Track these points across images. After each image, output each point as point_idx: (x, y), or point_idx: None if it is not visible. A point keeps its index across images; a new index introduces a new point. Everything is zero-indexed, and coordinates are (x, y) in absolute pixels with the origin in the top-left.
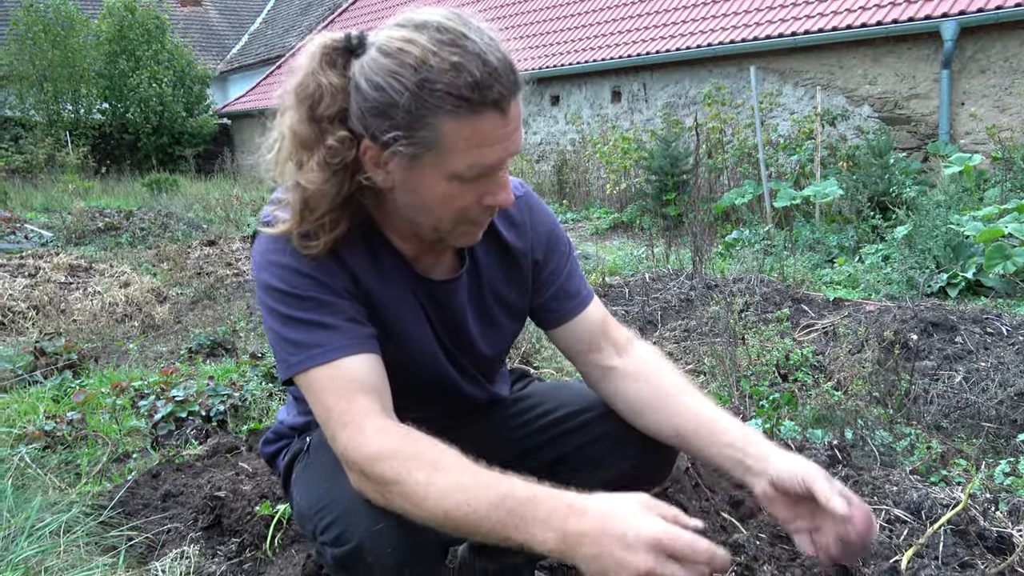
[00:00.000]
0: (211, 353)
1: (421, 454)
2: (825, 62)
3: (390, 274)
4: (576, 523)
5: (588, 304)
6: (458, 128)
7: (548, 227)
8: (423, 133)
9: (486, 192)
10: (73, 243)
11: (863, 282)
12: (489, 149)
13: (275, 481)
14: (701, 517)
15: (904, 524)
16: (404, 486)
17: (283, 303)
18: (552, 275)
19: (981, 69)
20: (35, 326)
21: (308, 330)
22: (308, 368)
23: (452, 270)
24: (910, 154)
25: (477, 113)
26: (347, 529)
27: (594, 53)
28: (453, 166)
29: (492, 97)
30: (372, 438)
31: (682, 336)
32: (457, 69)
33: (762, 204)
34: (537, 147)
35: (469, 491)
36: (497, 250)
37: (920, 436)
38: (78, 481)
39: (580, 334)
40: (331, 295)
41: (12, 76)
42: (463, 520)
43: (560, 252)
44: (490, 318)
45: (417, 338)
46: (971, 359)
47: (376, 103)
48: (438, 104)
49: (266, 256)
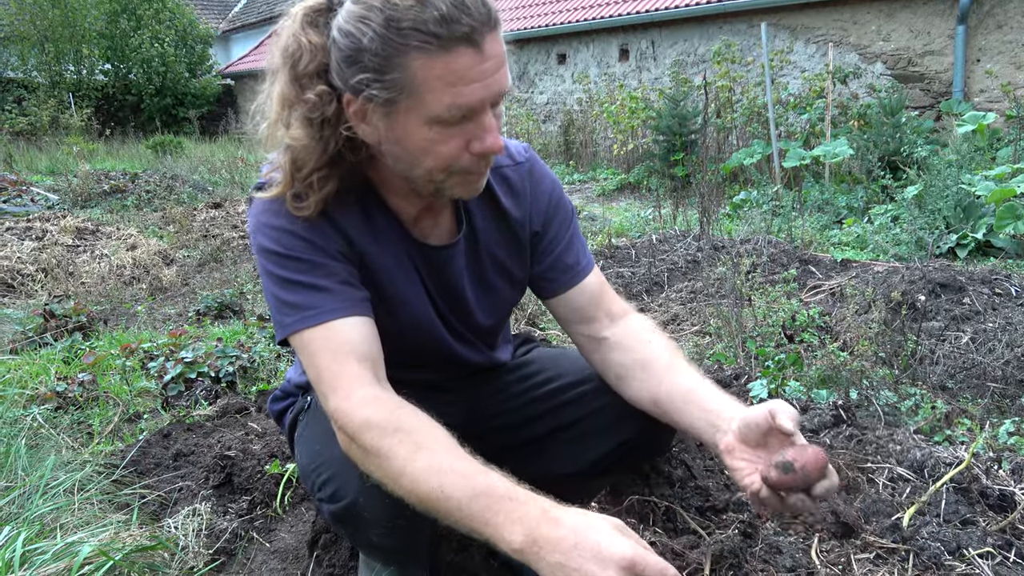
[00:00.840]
0: (219, 315)
1: (407, 429)
2: (838, 18)
3: (385, 236)
4: (548, 530)
5: (586, 275)
6: (429, 66)
7: (549, 195)
8: (394, 75)
9: (472, 137)
10: (79, 206)
11: (872, 243)
12: (467, 88)
13: (284, 441)
14: (705, 475)
15: (907, 482)
16: (383, 459)
17: (278, 265)
18: (551, 244)
19: (998, 24)
20: (44, 289)
21: (302, 292)
22: (301, 329)
23: (450, 235)
24: (923, 113)
25: (448, 50)
26: (342, 486)
27: (601, 10)
28: (430, 108)
29: (462, 31)
30: (359, 407)
31: (688, 297)
32: (422, 3)
33: (771, 164)
34: (543, 107)
35: (446, 477)
36: (495, 216)
37: (925, 396)
38: (90, 441)
39: (575, 305)
40: (325, 257)
41: (13, 37)
42: (435, 504)
43: (560, 221)
44: (488, 284)
45: (411, 302)
46: (979, 320)
47: (347, 50)
48: (404, 42)
49: (260, 219)
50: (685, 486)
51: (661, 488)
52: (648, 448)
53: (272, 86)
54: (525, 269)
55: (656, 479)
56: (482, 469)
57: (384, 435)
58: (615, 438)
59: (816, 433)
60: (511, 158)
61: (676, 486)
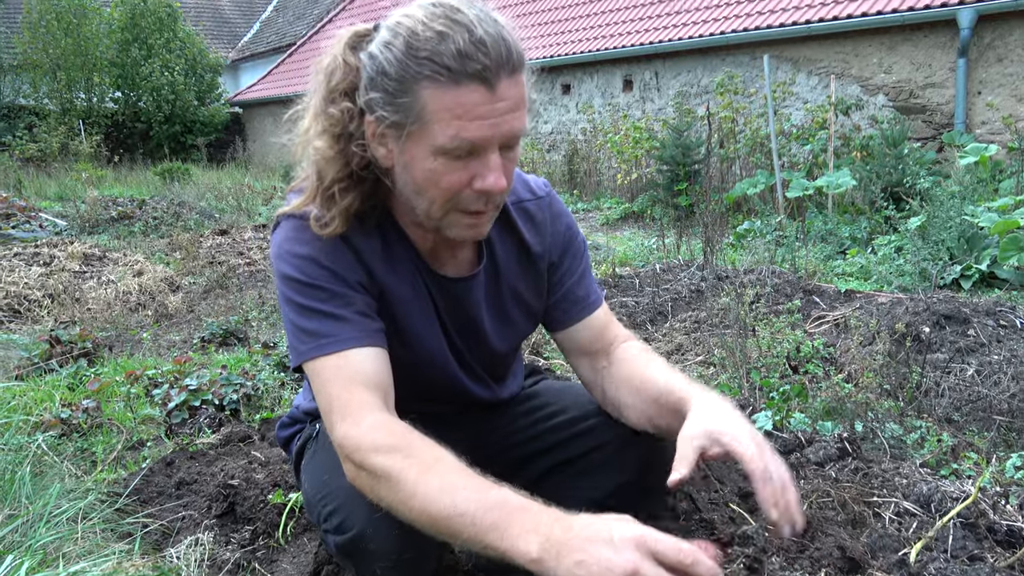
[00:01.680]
0: (223, 342)
1: (415, 453)
2: (840, 50)
3: (403, 267)
4: (561, 533)
5: (595, 309)
6: (439, 97)
7: (566, 229)
8: (405, 99)
9: (476, 174)
10: (87, 232)
11: (875, 274)
12: (472, 123)
13: (287, 470)
14: (710, 508)
15: (913, 517)
16: (393, 483)
17: (298, 292)
18: (564, 276)
19: (999, 57)
20: (50, 314)
21: (319, 320)
22: (315, 357)
23: (470, 266)
24: (925, 144)
25: (458, 84)
26: (348, 517)
27: (606, 41)
28: (436, 138)
29: (475, 68)
30: (368, 432)
31: (692, 327)
32: (441, 36)
33: (774, 194)
34: (548, 136)
35: (459, 494)
36: (516, 249)
37: (931, 429)
38: (94, 468)
39: (582, 338)
40: (345, 287)
41: (26, 65)
42: (448, 523)
43: (574, 254)
44: (506, 316)
45: (426, 336)
46: (984, 352)
47: (371, 71)
48: (419, 69)
49: (284, 246)
50: (690, 519)
51: (665, 521)
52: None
53: (310, 99)
54: (541, 301)
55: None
56: (492, 484)
57: (393, 458)
58: (622, 471)
59: (821, 466)
60: (532, 193)
61: (681, 519)
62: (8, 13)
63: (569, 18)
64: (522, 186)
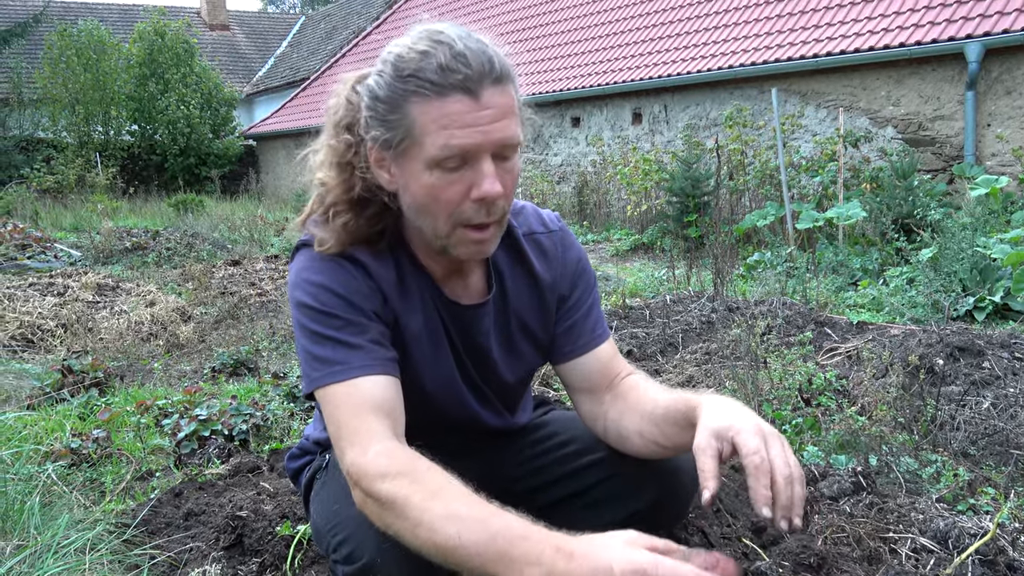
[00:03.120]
0: (234, 372)
1: (421, 479)
2: (848, 84)
3: (416, 295)
4: (564, 565)
5: (601, 343)
6: (426, 110)
7: (577, 262)
8: (395, 117)
9: (472, 184)
10: (101, 262)
11: (887, 305)
12: (460, 131)
13: (296, 501)
14: (722, 543)
15: (931, 553)
16: (399, 509)
17: (312, 319)
18: (572, 309)
19: (1007, 90)
20: (63, 344)
21: (332, 347)
22: (327, 384)
23: (480, 295)
24: (935, 176)
25: (443, 96)
26: (358, 547)
27: (615, 75)
28: (428, 151)
29: (456, 79)
30: (375, 459)
31: (703, 359)
32: (424, 55)
33: (784, 226)
34: (558, 168)
35: (463, 523)
36: (527, 279)
37: (947, 463)
38: (102, 499)
39: (586, 372)
40: (359, 315)
41: (46, 99)
42: (452, 553)
43: (583, 287)
44: (513, 346)
45: (438, 362)
46: (999, 385)
47: (367, 101)
48: (405, 87)
49: (301, 275)
50: None
51: None
52: (665, 515)
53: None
54: (549, 333)
55: None
56: (496, 511)
57: (398, 484)
58: (631, 504)
59: (836, 500)
60: (544, 226)
61: None
62: (29, 49)
63: (578, 52)
64: (535, 219)
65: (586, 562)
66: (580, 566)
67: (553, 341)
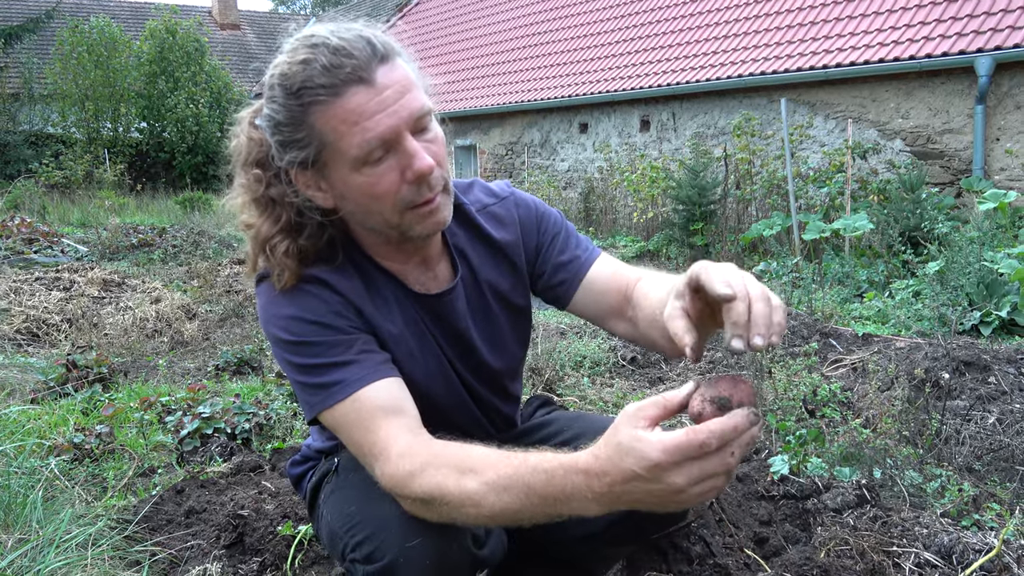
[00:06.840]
0: (237, 371)
1: (444, 462)
2: (857, 95)
3: (388, 298)
4: (599, 485)
5: (594, 260)
6: (329, 115)
7: (534, 211)
8: (303, 135)
9: (403, 167)
10: (107, 258)
11: (893, 318)
12: (370, 121)
13: (297, 502)
14: (725, 553)
15: (935, 568)
16: (441, 498)
17: (293, 352)
18: (550, 248)
19: (1017, 105)
20: (68, 339)
21: (320, 373)
22: (329, 406)
23: (449, 280)
24: (943, 189)
25: (339, 94)
26: (380, 546)
27: (624, 82)
28: (347, 152)
29: (345, 73)
30: (399, 463)
31: (707, 368)
32: (306, 63)
33: (791, 236)
34: (565, 174)
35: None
36: (489, 249)
37: (951, 478)
38: (104, 494)
39: (596, 296)
40: (337, 334)
41: (56, 94)
42: (503, 515)
43: (549, 225)
44: (491, 319)
45: (426, 361)
46: (1005, 400)
47: (270, 130)
48: (300, 102)
49: (269, 310)
50: (704, 563)
51: (679, 564)
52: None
53: (235, 179)
54: (526, 297)
55: (674, 555)
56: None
57: (427, 476)
58: None
59: (839, 513)
60: (495, 196)
61: (694, 563)
62: (41, 45)
63: (588, 59)
64: (484, 193)
65: (616, 472)
66: (614, 480)
67: (551, 287)
